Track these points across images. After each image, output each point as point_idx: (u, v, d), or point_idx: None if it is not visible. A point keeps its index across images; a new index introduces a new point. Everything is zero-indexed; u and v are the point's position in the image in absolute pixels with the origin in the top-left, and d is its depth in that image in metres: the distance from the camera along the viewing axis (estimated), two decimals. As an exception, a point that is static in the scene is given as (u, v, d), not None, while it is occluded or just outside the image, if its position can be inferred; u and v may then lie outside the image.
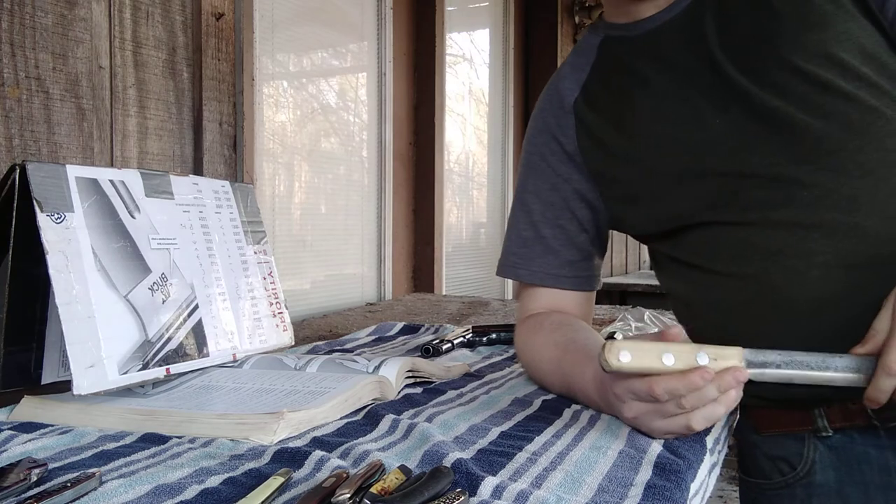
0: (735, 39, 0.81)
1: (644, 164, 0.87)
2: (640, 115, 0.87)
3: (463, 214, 3.24)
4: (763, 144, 0.80)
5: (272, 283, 1.09)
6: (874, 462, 0.82)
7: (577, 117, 0.93)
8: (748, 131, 0.80)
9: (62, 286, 0.78)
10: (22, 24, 1.19)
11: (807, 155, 0.78)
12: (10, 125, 1.19)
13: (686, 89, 0.84)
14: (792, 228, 0.79)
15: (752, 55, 0.80)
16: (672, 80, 0.85)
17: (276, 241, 2.12)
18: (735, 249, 0.82)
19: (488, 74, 3.43)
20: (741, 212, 0.81)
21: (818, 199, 0.77)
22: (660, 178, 0.86)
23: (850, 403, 0.82)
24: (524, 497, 0.57)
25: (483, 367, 1.11)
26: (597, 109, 0.91)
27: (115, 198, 0.89)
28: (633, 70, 0.89)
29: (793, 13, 0.78)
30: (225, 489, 0.59)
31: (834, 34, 0.77)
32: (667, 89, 0.85)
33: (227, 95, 1.59)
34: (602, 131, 0.90)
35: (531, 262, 0.97)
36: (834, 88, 0.77)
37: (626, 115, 0.88)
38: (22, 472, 0.59)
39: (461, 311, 1.93)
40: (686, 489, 0.62)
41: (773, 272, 0.80)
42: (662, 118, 0.85)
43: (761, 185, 0.80)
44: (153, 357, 0.86)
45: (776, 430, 0.89)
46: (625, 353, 0.65)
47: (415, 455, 0.67)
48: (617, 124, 0.89)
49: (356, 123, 2.53)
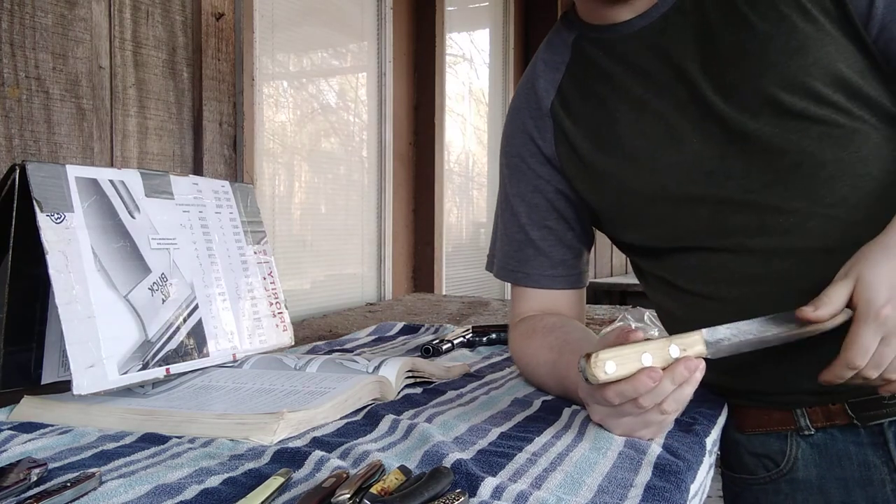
0: (713, 57, 0.80)
1: (620, 184, 0.87)
2: (617, 129, 0.86)
3: (463, 214, 3.24)
4: (738, 169, 0.80)
5: (272, 283, 1.09)
6: (854, 458, 0.84)
7: (555, 122, 0.92)
8: (723, 154, 0.80)
9: (62, 286, 0.78)
10: (22, 24, 1.19)
11: (780, 181, 0.79)
12: (10, 125, 1.19)
13: (661, 102, 0.83)
14: (768, 256, 0.80)
15: (729, 76, 0.79)
16: (646, 91, 0.84)
17: (276, 241, 2.12)
18: (715, 273, 0.84)
19: (488, 74, 3.43)
20: (718, 238, 0.82)
21: (793, 226, 0.78)
22: (636, 199, 0.86)
23: (830, 404, 0.84)
24: (524, 498, 0.57)
25: (483, 367, 1.11)
26: (573, 116, 0.91)
27: (115, 198, 0.89)
28: (607, 75, 0.88)
29: (774, 35, 0.77)
30: (225, 489, 0.59)
31: (813, 60, 0.76)
32: (642, 100, 0.84)
33: (227, 95, 1.59)
34: (579, 143, 0.90)
35: (525, 264, 0.97)
36: (809, 117, 0.77)
37: (602, 127, 0.88)
38: (22, 471, 0.59)
39: (461, 311, 1.93)
40: (686, 490, 0.62)
41: (752, 298, 0.81)
42: (640, 135, 0.85)
43: (737, 210, 0.80)
44: (153, 357, 0.86)
45: (760, 430, 0.91)
46: (610, 363, 0.65)
47: (415, 455, 0.67)
48: (593, 138, 0.88)
49: (356, 123, 2.53)
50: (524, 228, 0.97)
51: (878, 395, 0.79)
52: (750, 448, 0.92)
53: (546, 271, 0.96)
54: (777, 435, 0.89)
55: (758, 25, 0.78)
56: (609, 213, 0.92)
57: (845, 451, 0.84)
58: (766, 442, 0.90)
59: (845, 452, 0.84)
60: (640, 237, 0.90)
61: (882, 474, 0.82)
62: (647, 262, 0.93)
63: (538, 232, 0.96)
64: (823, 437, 0.85)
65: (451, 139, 3.05)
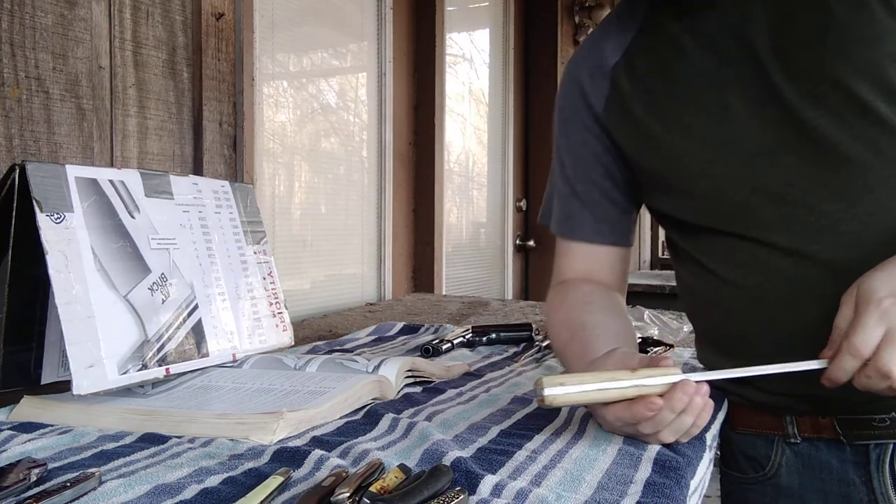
0: (785, 37, 0.78)
1: (668, 152, 0.86)
2: (675, 97, 0.85)
3: (463, 214, 3.24)
4: (785, 158, 0.78)
5: (272, 283, 1.09)
6: (835, 472, 0.84)
7: (614, 83, 0.90)
8: (774, 140, 0.79)
9: (62, 286, 0.78)
10: (22, 24, 1.19)
11: (823, 179, 0.76)
12: (10, 125, 1.19)
13: (725, 77, 0.81)
14: (792, 253, 0.78)
15: (800, 59, 0.77)
16: (712, 64, 0.82)
17: (276, 241, 2.12)
18: (739, 259, 0.82)
19: (488, 74, 3.43)
20: (749, 227, 0.81)
21: (824, 228, 0.76)
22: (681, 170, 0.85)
23: (820, 417, 0.84)
24: (524, 495, 0.57)
25: (483, 366, 1.11)
26: (634, 79, 0.89)
27: (115, 198, 0.89)
28: (676, 43, 0.86)
29: (850, 22, 0.75)
30: (224, 489, 0.59)
31: (888, 53, 0.73)
32: (706, 72, 0.83)
33: (227, 95, 1.59)
34: (635, 106, 0.88)
35: (570, 218, 0.96)
36: (872, 112, 0.74)
37: (660, 93, 0.86)
38: (22, 471, 0.59)
39: (461, 311, 1.93)
40: (686, 486, 0.62)
41: (769, 290, 0.80)
42: (697, 106, 0.83)
43: (774, 201, 0.79)
44: (153, 357, 0.86)
45: (748, 430, 0.91)
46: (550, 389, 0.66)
47: (414, 454, 0.67)
48: (650, 103, 0.87)
49: (356, 123, 2.53)
50: (570, 182, 0.96)
51: (868, 415, 0.79)
52: (741, 447, 0.92)
53: (591, 225, 0.95)
54: (765, 438, 0.89)
55: (836, 10, 0.75)
56: (651, 179, 0.90)
57: (827, 465, 0.84)
58: (755, 444, 0.90)
59: (827, 466, 0.84)
60: (675, 209, 0.89)
61: (861, 493, 0.82)
62: (678, 235, 0.92)
63: (583, 186, 0.95)
64: (808, 447, 0.86)
65: (451, 139, 3.05)
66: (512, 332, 1.33)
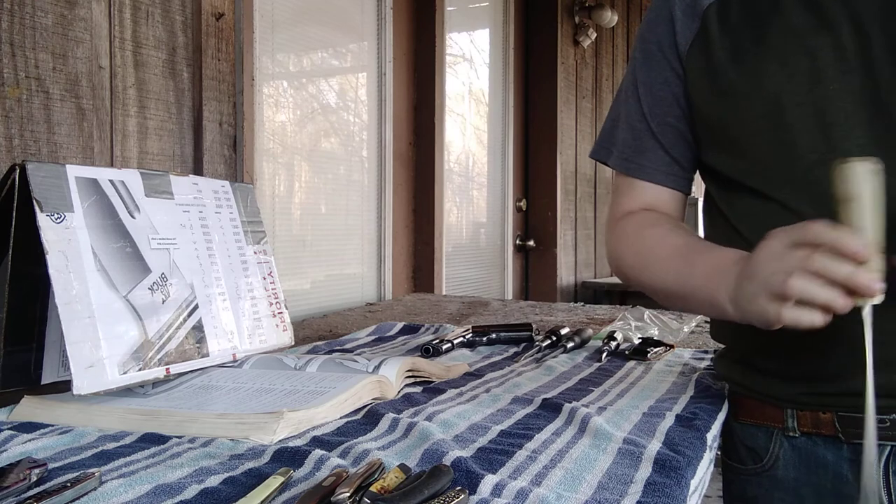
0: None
1: (735, 105, 0.84)
2: (760, 50, 0.83)
3: (463, 214, 3.24)
4: (857, 136, 0.76)
5: (272, 283, 1.09)
6: (830, 468, 0.84)
7: (704, 25, 0.88)
8: (851, 113, 0.77)
9: (62, 286, 0.78)
10: (22, 24, 1.19)
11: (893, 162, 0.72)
12: (10, 125, 1.19)
13: (818, 39, 0.79)
14: None
15: None
16: (808, 24, 0.80)
17: (276, 241, 2.12)
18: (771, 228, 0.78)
19: (488, 74, 3.42)
20: (797, 197, 0.79)
21: None
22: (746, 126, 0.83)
23: (821, 412, 0.84)
24: (524, 495, 0.57)
25: (483, 366, 1.11)
26: (725, 25, 0.86)
27: (115, 198, 0.89)
28: None
29: None
30: (225, 489, 0.59)
31: None
32: (799, 31, 0.80)
33: (227, 95, 1.59)
34: (717, 52, 0.86)
35: (641, 155, 0.94)
36: None
37: (747, 43, 0.84)
38: (22, 472, 0.59)
39: (461, 311, 1.93)
40: (686, 486, 0.62)
41: None
42: (780, 63, 0.81)
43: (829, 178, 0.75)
44: (153, 357, 0.86)
45: (749, 421, 0.91)
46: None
47: (414, 454, 0.67)
48: (734, 50, 0.85)
49: (356, 123, 2.53)
50: (646, 119, 0.94)
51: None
52: (742, 438, 0.93)
53: (662, 167, 0.94)
54: (765, 430, 0.89)
55: None
56: (712, 127, 0.88)
57: (823, 460, 0.85)
58: (755, 435, 0.91)
59: (822, 461, 0.85)
60: (727, 165, 0.87)
61: (853, 491, 0.82)
62: (718, 192, 0.91)
63: (658, 126, 0.93)
64: (806, 441, 0.86)
65: (451, 139, 3.05)
66: (512, 332, 1.33)
